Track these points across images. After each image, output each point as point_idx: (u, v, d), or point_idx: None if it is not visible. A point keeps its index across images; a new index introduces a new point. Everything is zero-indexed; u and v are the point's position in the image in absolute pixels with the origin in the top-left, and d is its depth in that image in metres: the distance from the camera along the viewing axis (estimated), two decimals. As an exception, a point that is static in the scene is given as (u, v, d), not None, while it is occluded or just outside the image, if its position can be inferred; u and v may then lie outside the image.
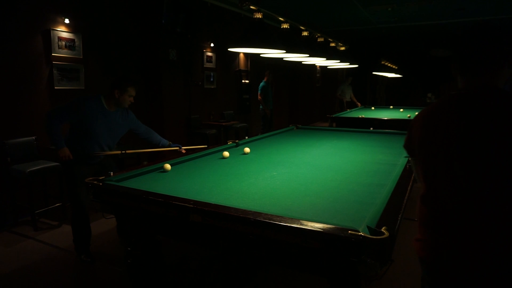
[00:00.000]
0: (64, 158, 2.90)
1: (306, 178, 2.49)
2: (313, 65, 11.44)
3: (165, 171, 2.64)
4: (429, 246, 1.27)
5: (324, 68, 12.39)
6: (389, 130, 4.86)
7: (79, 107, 2.88)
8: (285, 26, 3.77)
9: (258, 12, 3.01)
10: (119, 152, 3.06)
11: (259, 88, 7.87)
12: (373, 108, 9.25)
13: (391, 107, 9.42)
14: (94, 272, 2.99)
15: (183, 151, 3.14)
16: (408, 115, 6.80)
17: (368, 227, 1.53)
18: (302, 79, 11.69)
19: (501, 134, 1.13)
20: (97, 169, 3.05)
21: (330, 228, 1.49)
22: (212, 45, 7.13)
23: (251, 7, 3.03)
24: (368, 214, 1.73)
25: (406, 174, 2.44)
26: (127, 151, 3.06)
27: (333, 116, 6.86)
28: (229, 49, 3.25)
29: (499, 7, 7.32)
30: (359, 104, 9.64)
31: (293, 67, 10.29)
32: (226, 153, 3.16)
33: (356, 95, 10.95)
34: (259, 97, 7.86)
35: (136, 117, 3.30)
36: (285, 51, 3.42)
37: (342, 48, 6.08)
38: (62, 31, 4.42)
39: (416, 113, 6.69)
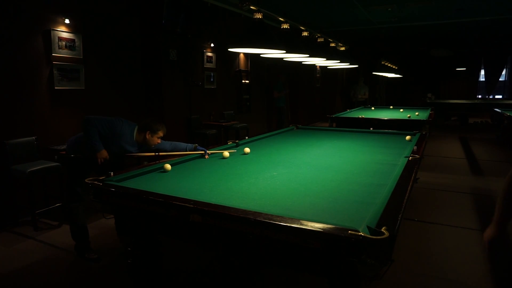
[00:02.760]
0: (102, 160, 3.00)
1: (306, 178, 2.49)
2: (313, 65, 11.45)
3: (165, 171, 2.64)
4: None
5: (324, 68, 12.39)
6: (389, 130, 4.87)
7: (116, 126, 3.03)
8: (285, 26, 3.77)
9: (258, 13, 3.01)
10: (153, 154, 3.15)
11: (281, 87, 9.06)
12: (373, 108, 9.25)
13: (391, 107, 9.42)
14: (94, 272, 2.99)
15: (207, 157, 3.15)
16: (408, 115, 6.80)
17: (368, 227, 1.53)
18: (302, 79, 11.69)
19: None
20: (99, 170, 3.07)
21: (330, 228, 1.49)
22: (212, 45, 7.13)
23: (251, 7, 3.03)
24: (368, 214, 1.73)
25: (406, 174, 2.44)
26: (160, 153, 3.12)
27: (333, 116, 6.86)
28: (229, 49, 3.25)
29: (499, 7, 7.32)
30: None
31: (293, 67, 10.29)
32: (226, 153, 3.16)
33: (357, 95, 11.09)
34: (278, 94, 9.09)
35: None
36: (285, 51, 3.41)
37: (342, 48, 6.08)
38: (62, 31, 4.42)
39: (417, 113, 6.73)
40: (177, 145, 3.26)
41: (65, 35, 4.45)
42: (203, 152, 3.16)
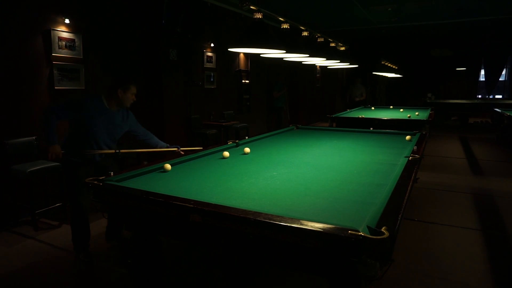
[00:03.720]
0: (53, 156, 2.86)
1: (306, 178, 2.49)
2: (313, 65, 11.45)
3: (165, 171, 2.64)
4: None
5: (324, 68, 12.39)
6: (389, 130, 4.87)
7: (79, 105, 2.88)
8: (285, 26, 3.77)
9: (258, 12, 3.01)
10: (113, 151, 3.02)
11: (280, 86, 9.12)
12: (373, 108, 9.25)
13: (391, 107, 9.42)
14: (94, 272, 2.99)
15: (182, 153, 3.12)
16: (408, 115, 6.80)
17: (368, 227, 1.53)
18: (302, 79, 11.69)
19: None
20: (98, 170, 3.04)
21: (330, 228, 1.49)
22: (212, 45, 7.13)
23: (251, 7, 3.02)
24: (368, 214, 1.73)
25: (406, 174, 2.44)
26: (122, 151, 3.02)
27: (333, 116, 6.86)
28: (229, 49, 3.25)
29: (499, 7, 7.32)
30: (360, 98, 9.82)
31: (293, 67, 10.29)
32: (226, 153, 3.16)
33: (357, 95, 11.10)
34: (277, 94, 9.14)
35: (137, 118, 3.30)
36: (285, 51, 3.42)
37: (342, 48, 6.08)
38: (62, 31, 4.42)
39: (417, 113, 6.78)
40: (149, 135, 3.20)
41: (65, 35, 4.45)
42: (176, 149, 3.13)
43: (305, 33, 4.48)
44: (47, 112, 2.86)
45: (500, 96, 16.10)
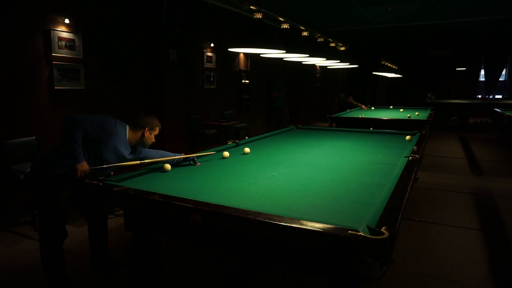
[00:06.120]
0: (81, 174, 2.38)
1: (306, 178, 2.49)
2: (313, 65, 11.45)
3: (165, 171, 2.64)
4: None
5: (324, 68, 12.39)
6: (389, 130, 4.86)
7: (111, 130, 2.48)
8: (285, 26, 3.77)
9: (258, 12, 3.01)
10: (139, 162, 2.70)
11: (279, 86, 9.25)
12: (373, 108, 9.25)
13: (391, 107, 9.42)
14: (93, 272, 2.98)
15: (198, 164, 2.88)
16: (408, 115, 6.80)
17: (368, 227, 1.53)
18: (302, 79, 11.69)
19: None
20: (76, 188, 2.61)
21: (330, 228, 1.48)
22: (212, 45, 7.13)
23: (251, 7, 3.03)
24: (368, 214, 1.73)
25: (406, 174, 2.44)
26: (145, 161, 2.71)
27: (333, 116, 6.86)
28: (229, 49, 3.25)
29: (499, 7, 7.32)
30: (363, 106, 9.63)
31: (293, 67, 10.29)
32: (226, 153, 3.16)
33: (356, 95, 11.06)
34: (276, 94, 9.28)
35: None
36: (285, 51, 3.42)
37: (342, 48, 6.08)
38: (62, 31, 4.42)
39: (417, 113, 6.76)
40: (163, 153, 2.88)
41: (65, 35, 4.45)
42: (193, 160, 2.92)
43: (305, 33, 4.48)
44: (73, 124, 2.35)
45: (500, 96, 16.11)
